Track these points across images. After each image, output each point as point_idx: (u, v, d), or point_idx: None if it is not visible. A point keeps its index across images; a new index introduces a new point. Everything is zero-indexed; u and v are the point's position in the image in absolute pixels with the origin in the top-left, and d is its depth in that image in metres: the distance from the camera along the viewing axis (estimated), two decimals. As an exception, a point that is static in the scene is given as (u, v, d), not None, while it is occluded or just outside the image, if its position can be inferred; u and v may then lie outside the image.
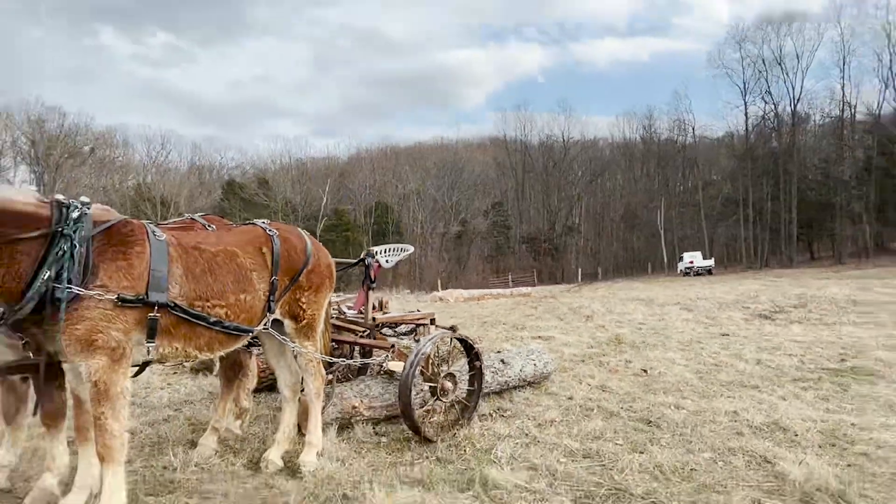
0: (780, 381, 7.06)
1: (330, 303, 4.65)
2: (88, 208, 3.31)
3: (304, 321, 4.22)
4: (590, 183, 72.52)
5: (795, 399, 6.18)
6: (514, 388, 6.32)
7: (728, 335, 10.72)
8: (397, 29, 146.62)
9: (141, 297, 3.28)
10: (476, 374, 5.30)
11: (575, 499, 3.84)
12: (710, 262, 49.36)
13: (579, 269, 57.66)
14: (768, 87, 58.64)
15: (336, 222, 54.34)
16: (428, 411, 5.06)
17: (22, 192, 3.18)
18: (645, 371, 7.51)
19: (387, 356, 4.98)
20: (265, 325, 3.99)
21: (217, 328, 3.65)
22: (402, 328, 6.01)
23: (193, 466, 4.23)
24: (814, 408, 5.82)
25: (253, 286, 3.84)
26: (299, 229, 4.39)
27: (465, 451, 4.66)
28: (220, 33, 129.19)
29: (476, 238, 62.28)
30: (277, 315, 4.10)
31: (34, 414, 3.53)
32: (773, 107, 59.17)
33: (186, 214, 4.81)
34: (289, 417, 4.45)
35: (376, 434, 5.02)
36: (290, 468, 4.23)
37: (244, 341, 4.02)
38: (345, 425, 5.03)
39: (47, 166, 54.04)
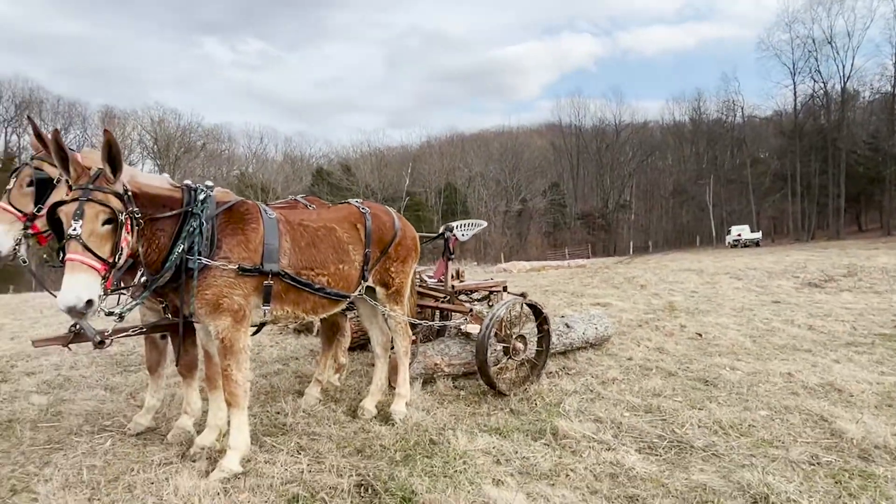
0: (832, 345, 6.65)
1: (414, 272, 4.68)
2: (212, 191, 3.43)
3: (393, 288, 4.27)
4: (640, 163, 69.87)
5: (849, 362, 5.80)
6: (578, 349, 6.22)
7: (779, 302, 10.15)
8: (460, 28, 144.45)
9: (257, 266, 3.39)
10: (544, 335, 5.25)
11: (639, 449, 3.76)
12: (758, 235, 46.65)
13: (631, 243, 55.79)
14: (818, 65, 54.00)
15: (409, 203, 54.77)
16: (501, 368, 5.06)
17: (158, 178, 3.33)
18: (700, 335, 7.23)
19: (465, 319, 4.99)
20: (360, 291, 4.07)
21: (320, 294, 3.74)
22: (476, 295, 5.99)
23: (301, 412, 4.40)
24: (868, 370, 5.45)
25: (350, 257, 3.91)
26: (388, 207, 4.42)
27: (535, 404, 4.63)
28: (303, 39, 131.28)
29: (535, 215, 61.39)
30: (370, 283, 4.16)
31: (177, 364, 3.72)
32: (822, 85, 54.56)
33: (290, 196, 4.93)
34: (381, 372, 4.54)
35: (455, 388, 5.06)
36: (383, 416, 4.33)
37: (343, 305, 4.12)
38: (428, 380, 5.10)
39: (167, 160, 56.93)
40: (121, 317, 3.14)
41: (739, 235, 45.81)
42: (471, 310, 5.00)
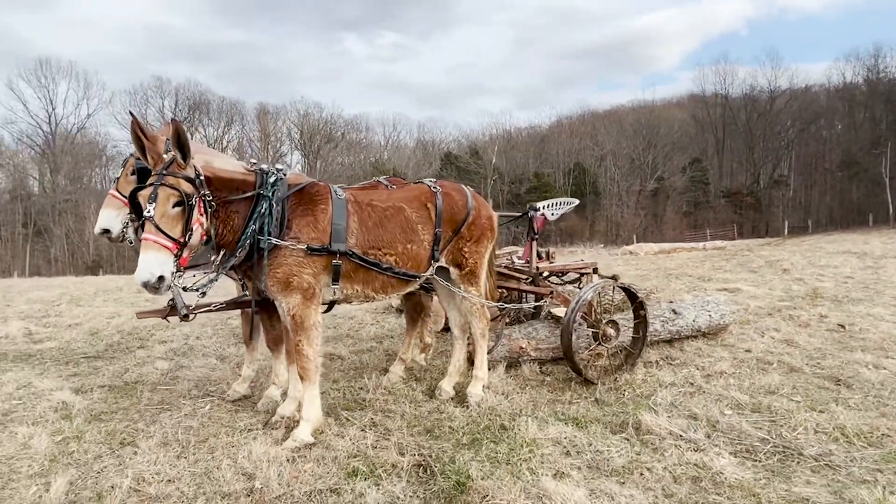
0: None
1: (494, 252, 4.54)
2: (284, 174, 3.57)
3: (467, 269, 4.18)
4: (800, 132, 61.80)
5: None
6: (686, 337, 5.69)
7: (960, 291, 8.48)
8: (590, 1, 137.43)
9: (325, 246, 3.49)
10: (641, 321, 4.86)
11: (735, 452, 3.34)
12: (951, 212, 39.34)
13: (786, 223, 49.89)
14: None
15: (536, 184, 53.81)
16: (593, 355, 4.79)
17: (233, 163, 3.53)
18: (842, 326, 6.26)
19: (545, 301, 4.77)
20: (431, 271, 4.03)
21: (388, 273, 3.77)
22: (570, 277, 5.71)
23: (382, 389, 4.50)
24: None
25: (418, 237, 3.88)
26: (462, 186, 4.32)
27: (623, 394, 4.31)
28: (434, 28, 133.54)
29: (672, 194, 57.23)
30: (443, 263, 4.11)
31: (249, 338, 3.96)
32: None
33: (374, 178, 5.02)
34: (458, 353, 4.50)
35: (542, 373, 4.88)
36: (461, 397, 4.29)
37: (414, 286, 4.11)
38: (513, 364, 4.97)
39: (310, 150, 61.45)
40: (203, 293, 3.41)
41: (925, 212, 38.93)
42: (551, 292, 4.75)
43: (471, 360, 4.60)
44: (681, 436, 3.53)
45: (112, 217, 3.80)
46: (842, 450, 3.31)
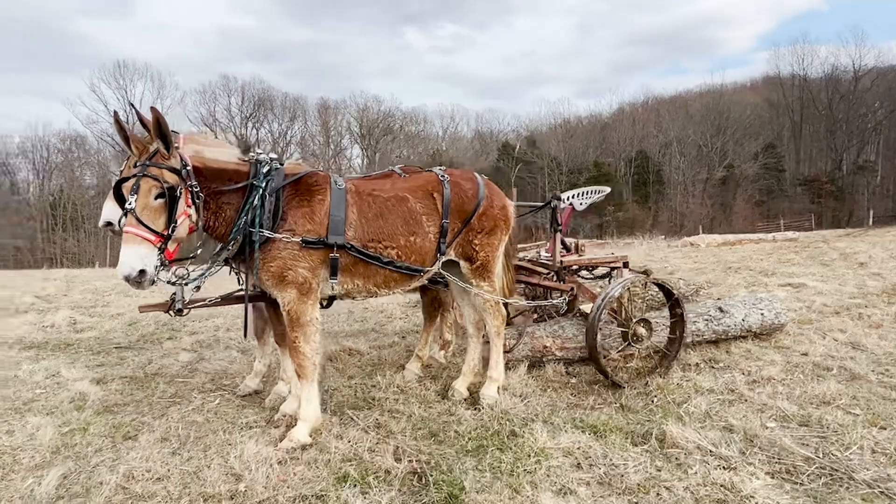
0: None
1: (511, 245, 4.24)
2: (280, 164, 3.42)
3: (478, 262, 3.91)
4: (890, 113, 56.88)
5: None
6: (734, 338, 5.19)
7: None
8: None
9: (322, 239, 3.32)
10: (677, 320, 4.44)
11: (772, 472, 2.94)
12: None
13: (870, 212, 46.13)
14: None
15: (596, 174, 52.21)
16: (624, 356, 4.42)
17: (226, 153, 3.40)
18: (921, 328, 5.56)
19: (563, 297, 4.43)
20: (438, 266, 3.79)
21: (390, 267, 3.56)
22: (600, 272, 5.32)
23: (394, 387, 4.31)
24: None
25: (423, 229, 3.65)
26: (474, 174, 4.03)
27: (653, 401, 3.94)
28: (493, 18, 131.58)
29: (743, 182, 54.06)
30: (452, 256, 3.86)
31: (245, 335, 3.83)
32: None
33: (389, 167, 4.81)
34: (473, 352, 4.24)
35: (567, 374, 4.56)
36: (474, 399, 4.05)
37: (421, 281, 3.88)
38: (536, 364, 4.66)
39: (369, 143, 62.27)
40: (197, 287, 3.32)
41: None
42: (571, 288, 4.41)
43: (487, 360, 4.35)
44: (710, 451, 3.15)
45: (115, 209, 3.77)
46: (903, 475, 2.85)
